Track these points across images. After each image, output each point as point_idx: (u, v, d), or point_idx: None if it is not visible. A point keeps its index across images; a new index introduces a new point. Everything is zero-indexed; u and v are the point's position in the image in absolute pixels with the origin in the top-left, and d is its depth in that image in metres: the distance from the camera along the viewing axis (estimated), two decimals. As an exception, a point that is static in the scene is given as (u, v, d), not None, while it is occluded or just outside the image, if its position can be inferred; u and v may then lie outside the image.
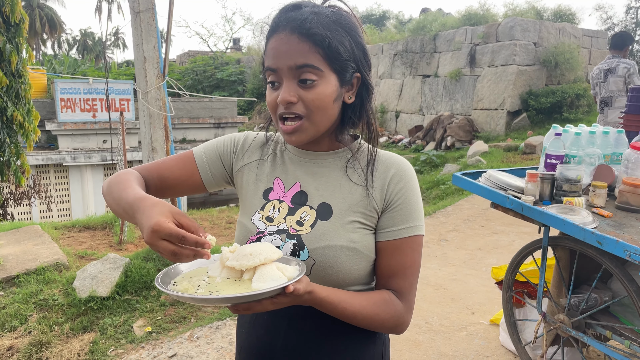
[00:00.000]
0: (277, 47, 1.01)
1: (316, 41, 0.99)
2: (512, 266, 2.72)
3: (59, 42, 49.68)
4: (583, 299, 2.36)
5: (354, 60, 1.05)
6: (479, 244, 5.21)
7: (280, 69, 1.01)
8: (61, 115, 13.53)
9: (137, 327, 3.56)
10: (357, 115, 1.10)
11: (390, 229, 1.08)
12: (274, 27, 1.03)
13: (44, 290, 3.89)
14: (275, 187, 1.15)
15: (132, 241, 5.63)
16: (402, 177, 1.10)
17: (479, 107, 12.19)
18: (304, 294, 0.93)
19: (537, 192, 2.44)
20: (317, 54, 0.99)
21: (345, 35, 1.03)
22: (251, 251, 0.93)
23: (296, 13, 1.01)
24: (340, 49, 1.01)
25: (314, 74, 1.00)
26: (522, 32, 11.64)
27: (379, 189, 1.09)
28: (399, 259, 1.08)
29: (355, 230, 1.07)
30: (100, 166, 13.73)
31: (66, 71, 21.75)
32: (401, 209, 1.08)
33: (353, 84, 1.07)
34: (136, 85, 4.22)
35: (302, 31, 0.99)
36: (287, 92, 1.00)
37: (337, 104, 1.05)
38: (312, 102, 1.01)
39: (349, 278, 1.07)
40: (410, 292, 1.10)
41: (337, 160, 1.13)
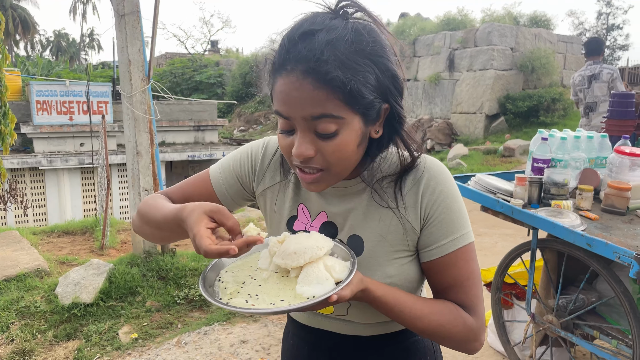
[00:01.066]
0: (288, 93, 0.82)
1: (334, 86, 0.80)
2: (501, 268, 2.76)
3: (32, 43, 48.71)
4: (571, 300, 2.41)
5: (382, 93, 0.86)
6: (463, 246, 5.27)
7: (294, 118, 0.84)
8: (37, 118, 13.26)
9: (123, 334, 3.51)
10: (382, 148, 0.95)
11: (433, 247, 0.95)
12: (282, 62, 0.83)
13: (25, 297, 3.80)
14: (300, 215, 1.04)
15: (114, 246, 5.55)
16: (436, 185, 0.95)
17: (458, 111, 12.35)
18: (356, 293, 0.85)
19: (526, 195, 2.49)
20: (337, 99, 0.81)
21: (371, 67, 0.83)
22: (295, 249, 0.86)
23: (307, 45, 0.80)
24: (364, 90, 0.82)
25: (334, 123, 0.83)
26: (499, 37, 11.84)
27: (412, 206, 0.95)
28: (452, 273, 0.96)
29: (391, 262, 0.96)
30: (77, 170, 13.49)
31: (40, 73, 21.34)
32: (441, 222, 0.94)
33: (380, 115, 0.89)
34: (120, 88, 4.16)
35: (318, 76, 0.79)
36: (303, 145, 0.85)
37: (362, 146, 0.90)
38: (332, 154, 0.85)
39: None
40: (478, 304, 0.97)
41: (363, 185, 0.99)
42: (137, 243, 4.38)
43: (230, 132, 20.28)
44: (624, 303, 2.09)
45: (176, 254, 4.35)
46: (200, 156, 14.97)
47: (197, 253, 0.85)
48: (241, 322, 3.62)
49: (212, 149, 15.16)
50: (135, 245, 4.43)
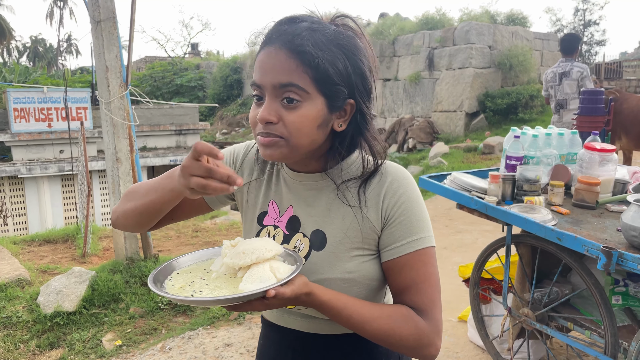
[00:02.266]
0: (264, 62, 0.93)
1: (304, 60, 0.90)
2: (478, 264, 2.82)
3: (8, 49, 47.92)
4: (545, 293, 2.48)
5: (348, 85, 0.94)
6: (444, 243, 5.34)
7: (264, 86, 0.93)
8: (15, 126, 13.08)
9: (107, 341, 3.50)
10: (346, 144, 1.00)
11: (392, 247, 0.98)
12: (266, 39, 0.95)
13: (7, 307, 3.78)
14: (270, 210, 1.09)
15: (96, 253, 5.52)
16: (398, 187, 1.00)
17: (438, 109, 12.47)
18: (298, 296, 0.87)
19: (500, 192, 2.55)
20: (305, 74, 0.90)
21: (342, 57, 0.93)
22: (244, 249, 0.91)
23: (290, 27, 0.93)
24: (331, 71, 0.91)
25: (298, 95, 0.91)
26: (477, 35, 11.99)
27: (374, 207, 0.99)
28: (409, 275, 0.98)
29: (352, 259, 0.99)
30: (57, 177, 13.33)
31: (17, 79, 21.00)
32: (402, 222, 0.98)
33: (346, 111, 0.97)
34: (98, 95, 4.15)
35: (292, 47, 0.90)
36: (267, 110, 0.92)
37: (322, 130, 0.95)
38: (292, 124, 0.92)
39: None
40: (432, 309, 0.98)
41: (329, 182, 1.03)
42: (120, 250, 4.37)
43: (212, 136, 20.20)
44: (595, 294, 2.16)
45: (159, 260, 4.35)
46: (182, 160, 14.87)
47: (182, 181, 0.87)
48: (225, 325, 3.63)
49: (195, 153, 15.07)
50: (118, 252, 4.42)
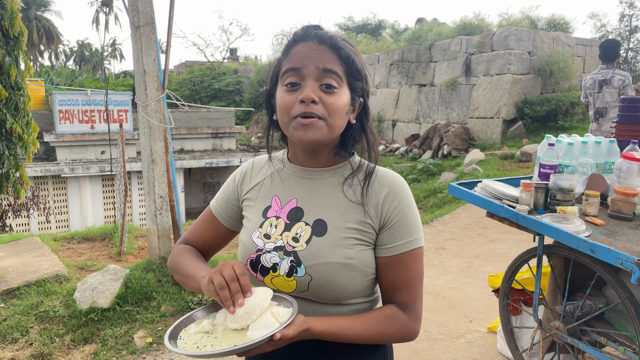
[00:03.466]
0: (305, 51, 1.06)
1: (341, 55, 1.07)
2: (508, 274, 2.76)
3: (56, 53, 49.81)
4: (578, 306, 2.40)
5: (362, 85, 1.12)
6: (477, 252, 5.25)
7: (306, 68, 1.05)
8: (59, 127, 13.57)
9: (138, 338, 3.58)
10: (356, 135, 1.16)
11: (389, 245, 1.11)
12: (300, 36, 1.09)
13: (45, 302, 3.91)
14: (273, 204, 1.19)
15: (132, 252, 5.66)
16: (396, 194, 1.13)
17: (475, 116, 12.28)
18: (299, 334, 0.99)
19: (532, 201, 2.49)
20: (341, 66, 1.07)
21: (359, 59, 1.11)
22: (245, 310, 1.00)
23: (322, 31, 1.09)
24: (359, 67, 1.10)
25: (336, 81, 1.06)
26: (516, 41, 11.76)
27: (374, 207, 1.12)
28: (402, 272, 1.12)
29: (351, 247, 1.10)
30: (98, 177, 13.75)
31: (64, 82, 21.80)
32: (399, 226, 1.12)
33: (355, 107, 1.14)
34: (136, 98, 4.27)
35: (331, 44, 1.06)
36: (311, 90, 1.05)
37: (346, 117, 1.11)
38: (332, 105, 1.06)
39: (346, 293, 1.10)
40: (414, 302, 1.14)
41: (334, 177, 1.17)
42: (153, 249, 4.47)
43: (247, 139, 20.45)
44: (630, 309, 2.09)
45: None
46: (217, 163, 15.13)
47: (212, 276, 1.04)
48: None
49: (230, 156, 15.31)
50: (152, 251, 4.52)
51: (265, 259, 1.13)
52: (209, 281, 1.01)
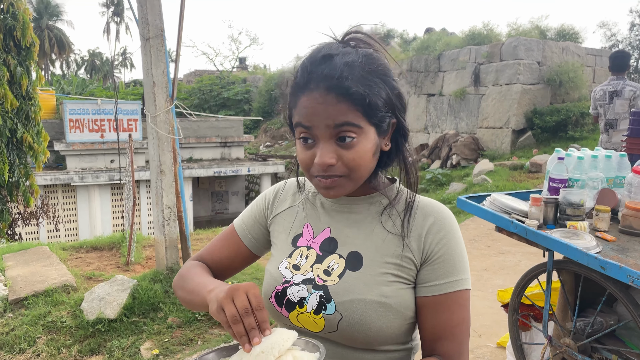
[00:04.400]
0: (313, 107, 0.92)
1: (355, 100, 0.91)
2: (518, 289, 2.73)
3: (67, 62, 50.38)
4: (589, 322, 2.36)
5: (391, 108, 0.97)
6: (485, 264, 5.21)
7: (317, 128, 0.93)
8: (70, 136, 13.69)
9: (145, 350, 3.58)
10: (391, 160, 1.03)
11: (432, 283, 0.99)
12: (305, 83, 0.94)
13: (52, 312, 3.92)
14: (304, 233, 1.10)
15: (140, 262, 5.67)
16: (442, 226, 1.01)
17: (484, 126, 12.24)
18: None
19: (541, 216, 2.47)
20: (356, 111, 0.92)
21: (382, 85, 0.95)
22: (262, 349, 0.88)
23: (329, 67, 0.92)
24: (379, 103, 0.94)
25: (354, 132, 0.92)
26: (525, 51, 11.74)
27: (416, 239, 1.00)
28: (445, 316, 0.98)
29: (388, 284, 0.98)
30: (107, 186, 13.83)
31: (74, 91, 22.03)
32: (443, 261, 0.99)
33: (389, 131, 1.00)
34: (145, 109, 4.29)
35: (340, 91, 0.91)
36: (325, 154, 0.93)
37: (376, 156, 0.99)
38: (352, 161, 0.94)
39: (380, 336, 0.98)
40: (461, 355, 1.00)
41: (371, 206, 1.06)
42: (161, 259, 4.48)
43: (256, 148, 20.51)
44: (642, 327, 2.05)
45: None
46: (226, 172, 15.17)
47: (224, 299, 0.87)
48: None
49: (238, 165, 15.36)
50: (159, 262, 4.52)
51: (292, 292, 1.02)
52: (219, 307, 0.87)
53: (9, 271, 4.84)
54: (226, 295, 0.86)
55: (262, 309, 0.87)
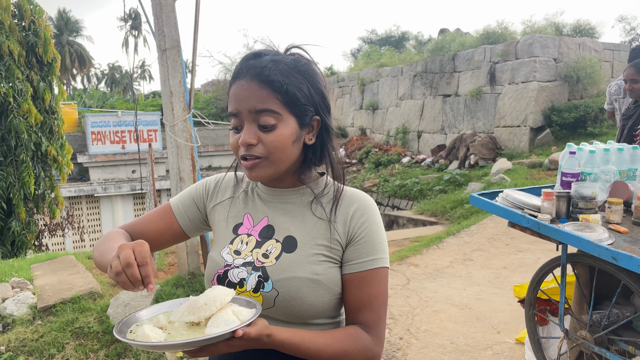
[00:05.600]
0: (239, 93, 1.07)
1: (275, 87, 1.05)
2: (533, 284, 2.75)
3: (88, 76, 51.41)
4: (605, 315, 2.37)
5: (313, 104, 1.10)
6: (504, 262, 5.20)
7: (241, 113, 1.07)
8: (92, 148, 13.99)
9: (169, 353, 3.66)
10: (317, 155, 1.15)
11: (354, 262, 1.11)
12: (236, 74, 1.09)
13: (80, 319, 4.03)
14: (245, 222, 1.20)
15: (162, 268, 5.79)
16: (364, 211, 1.14)
17: (501, 125, 12.17)
18: (260, 337, 0.95)
19: (554, 210, 2.49)
20: (276, 99, 1.05)
21: (304, 81, 1.09)
22: (205, 301, 0.95)
23: (257, 61, 1.07)
24: (298, 94, 1.07)
25: (273, 118, 1.05)
26: (541, 48, 11.64)
27: (342, 223, 1.13)
28: (365, 291, 1.11)
29: (319, 263, 1.10)
30: (129, 196, 14.09)
31: (96, 104, 22.47)
32: (365, 242, 1.12)
33: (313, 127, 1.13)
34: (164, 118, 4.40)
35: (262, 78, 1.05)
36: (247, 134, 1.06)
37: (296, 145, 1.10)
38: (270, 143, 1.06)
39: (312, 310, 1.09)
40: (378, 324, 1.12)
41: (303, 197, 1.18)
42: (182, 265, 4.58)
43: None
44: (657, 317, 2.06)
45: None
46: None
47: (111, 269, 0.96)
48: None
49: (257, 172, 15.45)
50: (181, 267, 4.62)
51: (232, 274, 1.13)
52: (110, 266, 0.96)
53: (37, 280, 4.99)
54: (115, 254, 0.96)
55: (146, 264, 0.94)
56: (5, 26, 7.58)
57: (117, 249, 0.97)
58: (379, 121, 16.45)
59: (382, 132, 16.18)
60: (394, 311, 4.12)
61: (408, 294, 4.50)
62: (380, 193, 12.31)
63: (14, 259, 6.52)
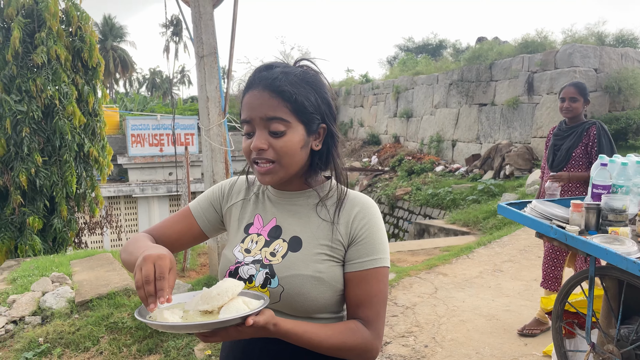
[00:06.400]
0: (251, 102, 1.16)
1: (285, 97, 1.14)
2: (561, 296, 2.72)
3: (130, 80, 52.92)
4: (633, 329, 2.34)
5: (320, 113, 1.19)
6: (535, 275, 5.11)
7: (253, 119, 1.15)
8: (131, 150, 14.41)
9: (198, 350, 3.76)
10: (323, 160, 1.24)
11: (355, 261, 1.19)
12: (248, 84, 1.19)
13: (114, 314, 4.18)
14: (255, 222, 1.29)
15: (194, 268, 5.93)
16: (365, 214, 1.21)
17: (538, 135, 11.95)
18: (267, 325, 1.02)
19: (583, 222, 2.47)
20: (286, 108, 1.14)
21: (312, 91, 1.18)
22: (218, 292, 1.03)
23: (268, 73, 1.16)
24: (306, 103, 1.16)
25: (283, 125, 1.14)
26: (581, 58, 11.40)
27: (344, 225, 1.20)
28: (365, 288, 1.18)
29: (322, 262, 1.18)
30: (166, 197, 14.44)
31: (136, 108, 23.12)
32: (366, 243, 1.19)
33: (320, 134, 1.21)
34: (200, 122, 4.54)
35: (273, 88, 1.14)
36: (259, 140, 1.15)
37: (304, 150, 1.19)
38: (280, 148, 1.14)
39: (315, 306, 1.17)
40: (377, 320, 1.19)
41: (309, 199, 1.26)
42: (214, 265, 4.69)
43: (308, 159, 20.72)
44: (686, 334, 2.02)
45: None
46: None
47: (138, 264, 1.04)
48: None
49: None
50: (212, 268, 4.74)
51: (242, 271, 1.21)
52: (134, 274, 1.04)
53: (76, 276, 5.19)
54: (138, 264, 1.04)
55: (163, 278, 1.02)
56: (54, 32, 7.94)
57: (141, 258, 1.04)
58: (412, 129, 16.38)
59: (415, 140, 16.09)
60: (420, 319, 4.12)
61: (435, 302, 4.48)
62: (412, 201, 12.24)
63: (55, 255, 6.80)
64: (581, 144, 3.54)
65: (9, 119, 7.59)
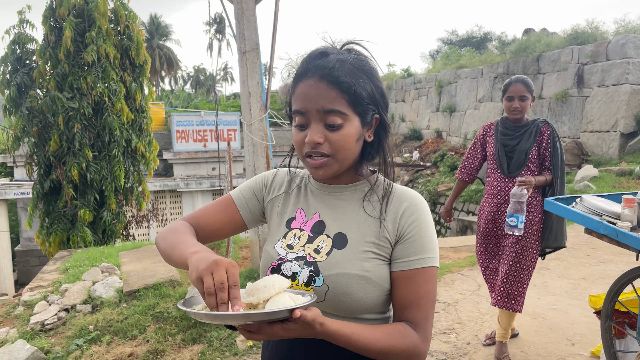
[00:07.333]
0: (307, 92, 1.09)
1: (343, 88, 1.07)
2: (611, 295, 2.62)
3: (175, 78, 54.09)
4: (689, 331, 2.23)
5: (374, 103, 1.13)
6: (584, 273, 4.95)
7: (309, 112, 1.09)
8: (176, 145, 14.76)
9: (240, 341, 3.83)
10: (375, 151, 1.18)
11: (403, 260, 1.12)
12: (303, 72, 1.12)
13: (160, 304, 4.30)
14: (297, 217, 1.23)
15: (237, 261, 6.03)
16: (414, 210, 1.14)
17: (588, 130, 11.53)
18: (314, 323, 0.95)
19: (635, 218, 2.37)
20: (343, 99, 1.08)
21: (368, 81, 1.12)
22: (265, 284, 0.99)
23: (324, 61, 1.10)
24: (364, 94, 1.10)
25: (340, 118, 1.08)
26: (635, 49, 10.92)
27: (392, 221, 1.14)
28: (413, 289, 1.11)
29: (369, 260, 1.12)
30: (209, 192, 14.73)
31: (181, 104, 23.66)
32: (414, 241, 1.12)
33: (372, 124, 1.15)
34: (242, 117, 4.60)
35: (331, 79, 1.07)
36: (314, 133, 1.09)
37: (359, 143, 1.13)
38: (337, 142, 1.09)
39: (361, 306, 1.11)
40: (425, 322, 1.11)
41: (355, 193, 1.20)
42: (255, 258, 4.75)
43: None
44: None
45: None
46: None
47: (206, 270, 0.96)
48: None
49: (331, 172, 15.63)
50: (254, 261, 4.81)
51: (285, 268, 1.15)
52: (199, 278, 0.95)
53: (124, 267, 5.38)
54: (207, 268, 0.95)
55: (236, 287, 0.94)
56: (103, 31, 8.21)
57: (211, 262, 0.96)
58: (455, 124, 16.09)
59: (458, 135, 15.81)
60: (462, 316, 4.05)
61: (478, 299, 4.40)
62: (455, 197, 12.05)
63: (104, 247, 7.06)
64: (535, 144, 3.17)
65: (62, 115, 7.91)
